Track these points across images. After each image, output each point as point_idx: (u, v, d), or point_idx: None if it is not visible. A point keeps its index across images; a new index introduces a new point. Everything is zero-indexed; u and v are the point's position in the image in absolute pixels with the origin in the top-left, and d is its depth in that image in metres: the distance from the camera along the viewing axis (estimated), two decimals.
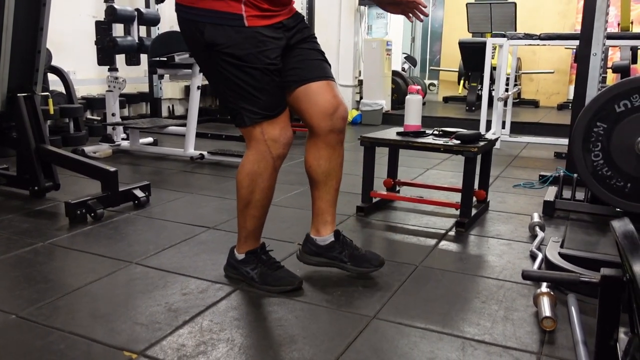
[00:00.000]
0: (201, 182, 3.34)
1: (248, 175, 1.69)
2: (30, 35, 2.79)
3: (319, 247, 1.88)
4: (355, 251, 1.88)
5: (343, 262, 1.86)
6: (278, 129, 1.67)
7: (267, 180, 1.70)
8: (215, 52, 1.61)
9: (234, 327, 1.54)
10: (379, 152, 2.70)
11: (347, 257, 1.86)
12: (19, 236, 2.25)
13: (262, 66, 1.62)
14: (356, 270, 1.87)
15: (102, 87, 4.69)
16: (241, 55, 1.60)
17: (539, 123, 5.91)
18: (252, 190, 1.71)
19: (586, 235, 2.39)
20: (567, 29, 7.70)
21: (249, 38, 1.60)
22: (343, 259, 1.86)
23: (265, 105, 1.64)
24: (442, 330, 1.55)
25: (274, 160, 1.68)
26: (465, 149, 2.41)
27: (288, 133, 1.70)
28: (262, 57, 1.62)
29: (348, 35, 6.51)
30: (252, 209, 1.74)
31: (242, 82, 1.62)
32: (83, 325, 1.54)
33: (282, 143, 1.68)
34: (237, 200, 1.76)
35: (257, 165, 1.68)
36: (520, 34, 4.55)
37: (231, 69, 1.61)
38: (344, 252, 1.86)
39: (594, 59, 3.00)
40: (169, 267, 1.96)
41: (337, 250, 1.86)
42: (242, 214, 1.76)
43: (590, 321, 1.56)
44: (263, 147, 1.67)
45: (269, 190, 1.73)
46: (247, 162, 1.70)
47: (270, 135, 1.66)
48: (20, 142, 2.80)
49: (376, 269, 1.88)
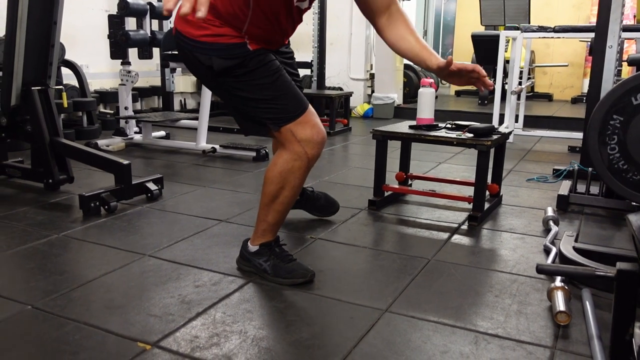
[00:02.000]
0: (213, 175, 3.35)
1: (280, 173, 1.70)
2: (44, 30, 2.80)
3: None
4: (317, 202, 2.23)
5: (307, 210, 2.19)
6: (309, 128, 1.67)
7: (298, 179, 1.72)
8: (227, 76, 1.66)
9: (247, 319, 1.55)
10: (391, 145, 2.69)
11: (310, 208, 2.17)
12: (33, 228, 2.27)
13: (272, 74, 1.67)
14: (317, 215, 2.28)
15: (115, 80, 4.72)
16: (251, 71, 1.66)
17: (553, 117, 5.85)
18: (281, 187, 1.72)
19: (601, 230, 2.37)
20: (581, 21, 7.61)
21: (255, 57, 1.66)
22: (307, 209, 2.22)
23: (286, 109, 1.67)
24: (455, 324, 1.54)
25: (309, 160, 1.70)
26: (479, 142, 2.39)
27: (321, 131, 1.71)
28: (270, 67, 1.68)
29: (360, 28, 6.47)
30: (277, 205, 1.75)
31: (260, 95, 1.66)
32: (98, 316, 1.55)
33: (316, 142, 1.68)
34: (262, 195, 1.77)
35: (291, 164, 1.69)
36: (534, 27, 4.50)
37: (245, 86, 1.67)
38: (307, 205, 2.17)
39: (609, 51, 2.95)
40: (182, 259, 1.97)
41: (301, 203, 2.17)
42: (266, 208, 1.77)
43: (605, 316, 1.55)
44: (298, 148, 1.67)
45: (298, 189, 1.75)
46: (281, 161, 1.71)
47: (302, 136, 1.67)
48: (34, 135, 2.83)
49: (331, 215, 2.29)
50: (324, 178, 3.27)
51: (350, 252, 2.10)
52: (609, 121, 2.05)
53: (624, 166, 2.06)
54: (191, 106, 6.39)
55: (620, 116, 2.03)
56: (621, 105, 2.03)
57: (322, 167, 3.57)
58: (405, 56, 1.74)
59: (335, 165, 3.77)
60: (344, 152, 4.36)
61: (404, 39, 1.72)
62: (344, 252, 2.09)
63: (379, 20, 1.76)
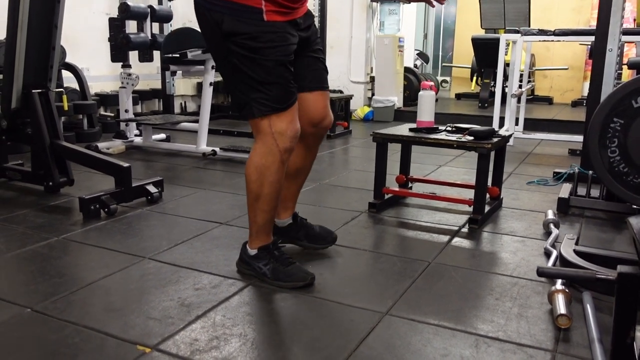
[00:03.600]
0: (213, 178, 3.35)
1: (256, 168, 1.71)
2: (45, 33, 2.80)
3: (278, 229, 2.02)
4: (311, 230, 2.07)
5: (300, 240, 2.06)
6: (285, 122, 1.67)
7: (275, 174, 1.71)
8: (232, 42, 1.62)
9: (247, 323, 1.54)
10: (392, 148, 2.69)
11: (303, 236, 2.06)
12: (33, 231, 2.27)
13: (276, 59, 1.64)
14: (311, 246, 2.07)
15: (116, 83, 4.72)
16: (257, 48, 1.61)
17: (553, 120, 5.85)
18: (260, 184, 1.71)
19: (601, 233, 2.37)
20: (581, 24, 7.61)
21: (267, 32, 1.62)
22: (300, 237, 2.06)
23: (275, 98, 1.65)
24: (455, 327, 1.54)
25: (280, 153, 1.69)
26: (479, 145, 2.39)
27: (295, 127, 1.71)
28: (277, 51, 1.64)
29: (360, 31, 6.48)
30: (261, 203, 1.74)
31: (255, 74, 1.63)
32: (97, 319, 1.55)
33: (288, 136, 1.68)
34: (247, 194, 1.77)
35: (264, 159, 1.69)
36: (534, 30, 4.51)
37: (245, 60, 1.63)
38: (300, 232, 2.05)
39: (609, 54, 2.96)
40: (182, 262, 1.97)
41: (294, 230, 2.05)
42: (252, 208, 1.77)
43: (605, 319, 1.55)
44: (270, 140, 1.68)
45: (278, 184, 1.74)
46: (255, 155, 1.72)
47: (277, 128, 1.67)
48: (34, 138, 2.83)
49: (329, 245, 2.08)
50: (325, 181, 3.27)
51: (351, 255, 2.10)
52: (610, 124, 2.05)
53: (624, 169, 2.06)
54: (191, 109, 6.39)
55: (620, 119, 2.03)
56: (622, 108, 2.03)
57: (322, 170, 3.57)
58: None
59: (336, 168, 3.77)
60: (345, 154, 4.36)
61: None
62: (344, 255, 2.09)
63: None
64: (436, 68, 10.22)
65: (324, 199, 2.91)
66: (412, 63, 7.99)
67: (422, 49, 9.32)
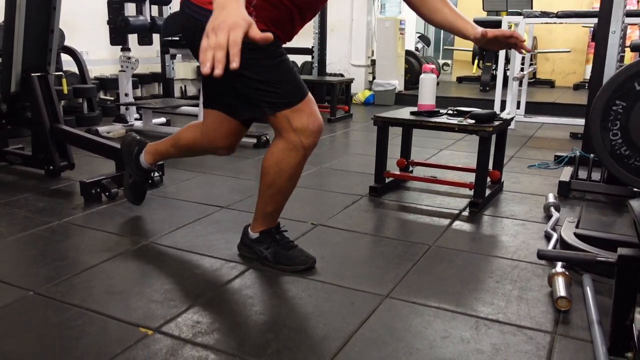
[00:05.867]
0: (214, 162, 3.34)
1: (277, 163, 1.67)
2: (43, 15, 2.78)
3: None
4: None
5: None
6: (305, 116, 1.62)
7: (294, 168, 1.68)
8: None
9: (248, 305, 1.55)
10: (392, 132, 2.68)
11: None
12: (35, 215, 2.27)
13: (275, 56, 1.62)
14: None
15: (115, 67, 4.69)
16: (256, 50, 1.58)
17: (555, 103, 5.82)
18: (278, 177, 1.68)
19: (602, 216, 2.37)
20: (584, 6, 7.53)
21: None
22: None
23: (284, 94, 1.61)
24: (456, 310, 1.55)
25: (304, 149, 1.65)
26: (480, 128, 2.38)
27: (317, 120, 1.65)
28: (275, 50, 1.62)
29: (361, 14, 6.43)
30: (275, 194, 1.73)
31: (258, 75, 1.59)
32: (99, 302, 1.56)
33: (311, 131, 1.63)
34: (260, 184, 1.74)
35: (287, 154, 1.65)
36: (537, 12, 4.47)
37: (247, 65, 1.57)
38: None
39: (612, 36, 2.93)
40: (183, 245, 1.98)
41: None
42: (264, 197, 1.75)
43: (605, 301, 1.55)
44: (294, 137, 1.63)
45: (296, 178, 1.72)
46: (277, 151, 1.66)
47: (298, 124, 1.62)
48: (34, 122, 2.82)
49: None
50: (325, 165, 3.27)
51: (351, 238, 2.10)
52: (612, 107, 2.04)
53: (626, 152, 2.05)
54: (191, 93, 6.36)
55: (623, 102, 2.02)
56: (624, 91, 2.01)
57: (323, 154, 3.56)
58: (442, 28, 1.81)
59: (337, 151, 3.76)
60: (345, 138, 4.35)
61: (438, 12, 1.78)
62: (345, 239, 2.09)
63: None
64: (437, 51, 10.15)
65: (324, 183, 2.91)
66: (413, 46, 7.94)
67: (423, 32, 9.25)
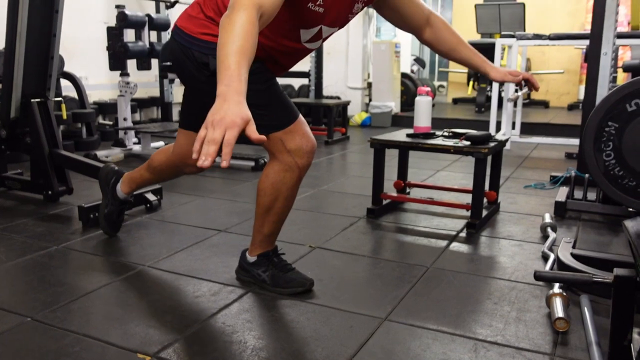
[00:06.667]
0: (212, 185, 3.36)
1: (272, 184, 1.68)
2: (44, 42, 2.82)
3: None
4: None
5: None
6: (298, 137, 1.66)
7: (290, 189, 1.70)
8: None
9: (246, 330, 1.55)
10: (389, 154, 2.70)
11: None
12: (33, 240, 2.28)
13: (265, 81, 1.65)
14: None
15: (114, 92, 4.73)
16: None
17: (550, 123, 5.87)
18: (275, 199, 1.70)
19: (598, 236, 2.38)
20: (576, 28, 7.65)
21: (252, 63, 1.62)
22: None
23: (276, 117, 1.65)
24: (455, 332, 1.55)
25: (299, 170, 1.67)
26: (476, 150, 2.41)
27: (310, 141, 1.69)
28: (264, 75, 1.65)
29: (357, 37, 6.51)
30: (272, 216, 1.74)
31: (251, 100, 1.58)
32: (97, 327, 1.55)
33: (305, 152, 1.66)
34: (256, 206, 1.75)
35: (282, 175, 1.67)
36: (530, 35, 4.53)
37: None
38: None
39: (604, 58, 2.98)
40: (181, 270, 1.98)
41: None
42: (261, 219, 1.76)
43: (603, 322, 1.56)
44: (288, 158, 1.65)
45: (292, 199, 1.74)
46: (272, 173, 1.68)
47: (291, 145, 1.65)
48: (34, 147, 2.84)
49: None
50: (322, 187, 3.28)
51: (349, 260, 2.11)
52: (604, 128, 2.06)
53: (619, 172, 2.07)
54: None
55: (615, 123, 2.04)
56: (616, 112, 2.04)
57: (320, 176, 3.58)
58: (458, 63, 1.92)
59: (334, 174, 3.78)
60: (342, 160, 4.37)
61: (455, 51, 1.88)
62: (343, 261, 2.10)
63: (423, 34, 1.85)
64: (433, 73, 10.25)
65: (322, 205, 2.92)
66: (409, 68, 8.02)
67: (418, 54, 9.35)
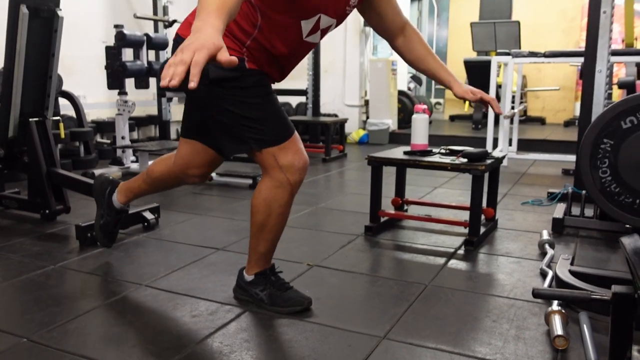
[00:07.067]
0: (209, 203, 3.36)
1: (265, 201, 1.69)
2: (43, 61, 2.84)
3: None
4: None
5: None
6: (291, 154, 1.66)
7: (283, 207, 1.71)
8: (221, 87, 1.62)
9: (244, 349, 1.54)
10: (387, 171, 2.71)
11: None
12: (30, 259, 2.27)
13: (265, 94, 1.66)
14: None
15: (112, 110, 4.75)
16: (245, 88, 1.63)
17: (546, 140, 5.90)
18: (268, 215, 1.70)
19: (596, 252, 2.38)
20: (571, 46, 7.74)
21: (251, 75, 1.64)
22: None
23: (272, 132, 1.65)
24: (453, 350, 1.54)
25: (291, 187, 1.68)
26: (473, 167, 2.42)
27: (303, 158, 1.69)
28: (264, 89, 1.67)
29: (354, 55, 6.56)
30: (266, 233, 1.74)
31: (247, 113, 1.63)
32: (94, 348, 1.54)
33: (297, 168, 1.67)
34: (251, 224, 1.75)
35: (274, 192, 1.68)
36: (525, 52, 4.58)
37: (235, 102, 1.63)
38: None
39: (599, 75, 3.01)
40: (179, 288, 1.97)
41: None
42: (255, 238, 1.76)
43: (602, 339, 1.55)
44: (280, 174, 1.66)
45: (285, 216, 1.74)
46: (265, 189, 1.69)
47: (284, 162, 1.65)
48: (31, 166, 2.84)
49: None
50: (320, 204, 3.28)
51: (347, 278, 2.10)
52: (600, 145, 2.08)
53: (615, 189, 2.08)
54: None
55: (610, 140, 2.06)
56: (611, 129, 2.06)
57: (318, 194, 3.59)
58: (424, 74, 1.93)
59: (332, 191, 3.79)
60: (340, 178, 4.38)
61: (423, 61, 1.90)
62: (341, 279, 2.09)
63: (396, 41, 1.89)
64: (430, 90, 10.32)
65: (320, 223, 2.92)
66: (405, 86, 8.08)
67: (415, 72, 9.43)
